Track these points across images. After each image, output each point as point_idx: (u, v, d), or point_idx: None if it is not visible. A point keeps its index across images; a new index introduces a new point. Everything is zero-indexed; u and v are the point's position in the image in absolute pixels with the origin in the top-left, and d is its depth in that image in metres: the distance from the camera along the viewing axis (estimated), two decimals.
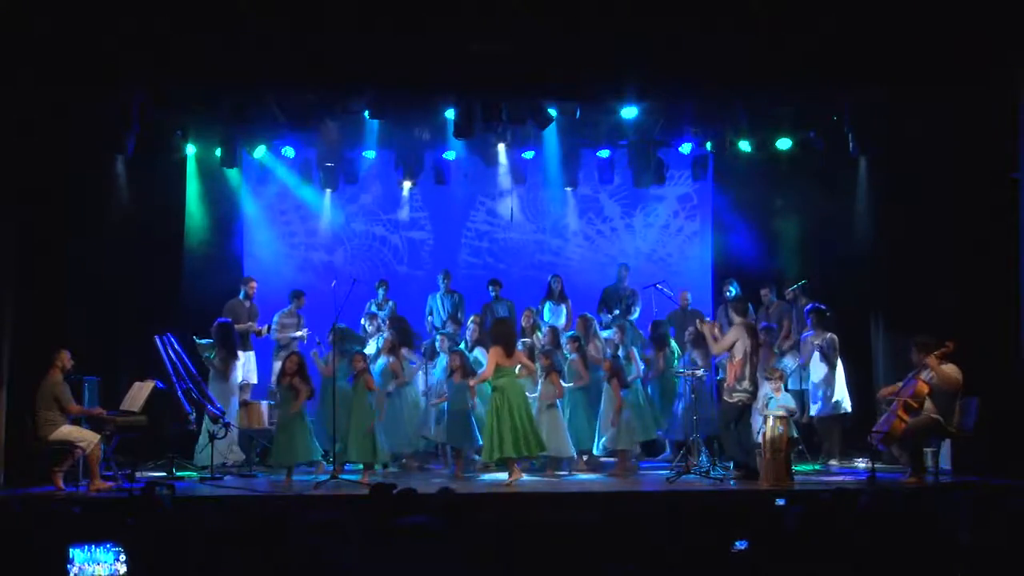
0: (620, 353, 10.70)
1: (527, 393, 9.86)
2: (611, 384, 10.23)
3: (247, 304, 11.55)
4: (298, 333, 11.43)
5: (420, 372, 10.92)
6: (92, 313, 10.41)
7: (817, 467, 10.63)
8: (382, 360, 10.58)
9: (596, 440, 10.36)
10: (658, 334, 11.12)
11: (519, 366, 9.73)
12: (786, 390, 10.22)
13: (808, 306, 11.17)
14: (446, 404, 10.38)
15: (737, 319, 9.91)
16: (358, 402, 9.92)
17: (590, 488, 9.69)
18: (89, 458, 9.21)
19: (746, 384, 9.63)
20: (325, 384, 10.20)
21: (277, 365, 11.05)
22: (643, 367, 10.83)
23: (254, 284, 11.68)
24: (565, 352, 10.50)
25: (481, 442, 9.87)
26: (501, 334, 9.80)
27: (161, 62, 9.33)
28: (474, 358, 10.61)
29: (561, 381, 10.21)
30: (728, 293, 11.60)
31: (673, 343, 11.22)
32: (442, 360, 10.75)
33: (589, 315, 11.23)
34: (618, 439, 10.21)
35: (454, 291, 12.23)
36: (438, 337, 11.01)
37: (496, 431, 9.43)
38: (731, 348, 9.72)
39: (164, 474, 9.88)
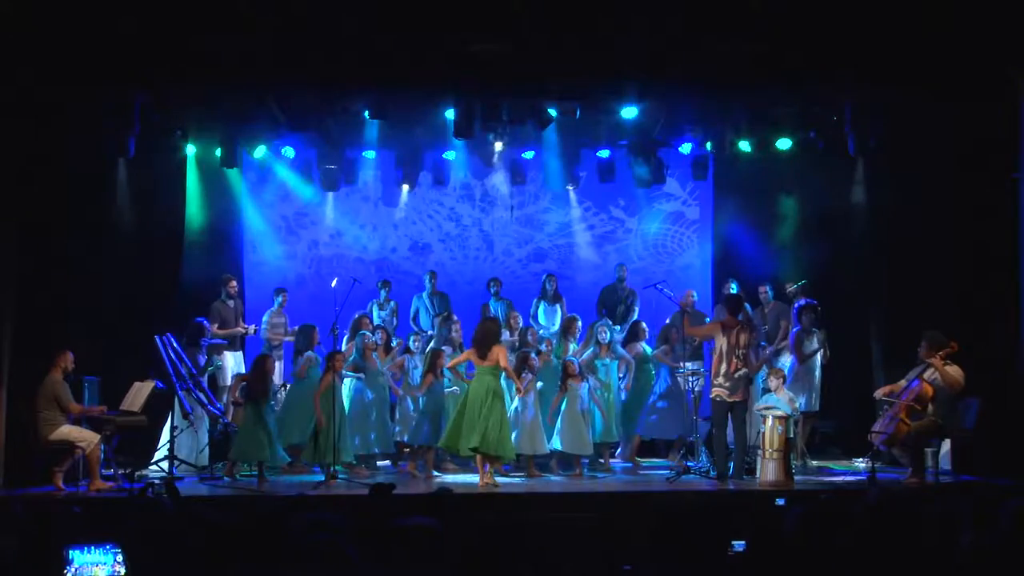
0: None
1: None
2: (568, 382, 10.22)
3: (231, 304, 11.53)
4: (288, 336, 11.39)
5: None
6: (92, 313, 10.41)
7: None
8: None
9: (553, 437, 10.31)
10: (631, 333, 11.22)
11: (496, 367, 9.65)
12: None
13: (798, 303, 11.17)
14: (421, 403, 10.36)
15: (722, 316, 9.95)
16: (324, 402, 9.87)
17: (590, 488, 9.69)
18: (89, 458, 9.22)
19: (720, 380, 9.69)
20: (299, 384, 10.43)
21: (277, 365, 11.08)
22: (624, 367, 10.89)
23: (234, 283, 11.66)
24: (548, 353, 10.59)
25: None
26: (475, 334, 9.85)
27: (161, 62, 9.33)
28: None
29: (533, 380, 10.24)
30: (729, 291, 11.61)
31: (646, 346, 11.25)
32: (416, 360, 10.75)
33: (577, 316, 11.25)
34: (570, 442, 10.20)
35: (441, 291, 12.21)
36: (412, 337, 10.99)
37: (450, 423, 9.64)
38: (705, 338, 10.11)
39: (164, 474, 9.87)
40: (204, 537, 4.68)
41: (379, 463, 10.80)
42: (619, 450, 11.30)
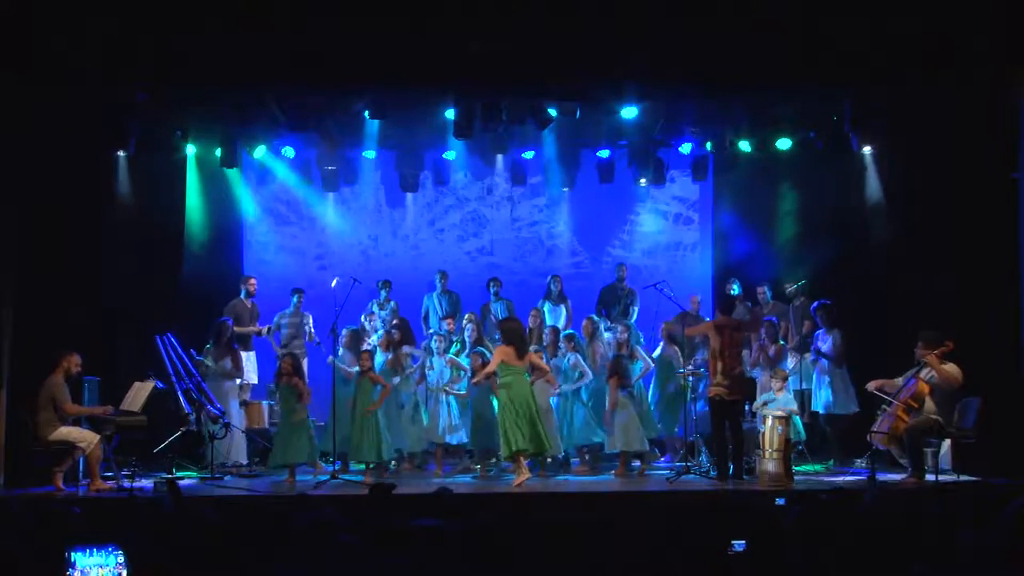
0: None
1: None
2: (610, 383, 10.24)
3: (249, 303, 11.55)
4: (281, 342, 11.40)
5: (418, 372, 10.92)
6: (92, 313, 10.41)
7: (819, 467, 10.63)
8: (380, 357, 10.61)
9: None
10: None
11: (530, 366, 9.69)
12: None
13: (814, 304, 11.16)
14: (469, 406, 10.39)
15: (718, 316, 10.06)
16: (363, 401, 9.94)
17: (590, 488, 9.69)
18: (89, 458, 9.23)
19: (719, 379, 9.72)
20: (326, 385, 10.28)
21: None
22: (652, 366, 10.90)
23: (254, 281, 11.69)
24: (562, 351, 10.55)
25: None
26: (511, 333, 9.80)
27: (161, 62, 9.33)
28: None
29: (558, 381, 10.30)
30: (731, 292, 11.61)
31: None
32: (438, 361, 10.75)
33: (595, 316, 11.30)
34: (618, 440, 10.21)
35: (451, 291, 12.22)
36: (434, 338, 11.01)
37: (508, 428, 9.48)
38: (701, 338, 10.20)
39: (164, 474, 9.88)
40: (204, 537, 4.69)
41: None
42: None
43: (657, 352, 11.18)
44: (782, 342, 11.18)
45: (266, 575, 4.43)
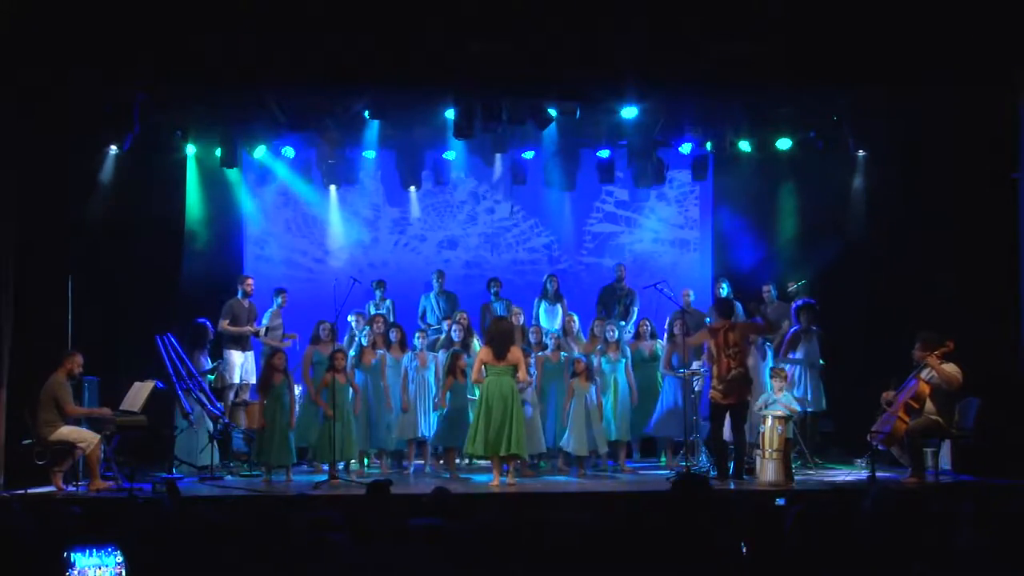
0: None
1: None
2: (574, 381, 10.24)
3: (246, 304, 11.53)
4: (280, 343, 11.36)
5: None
6: (92, 313, 10.41)
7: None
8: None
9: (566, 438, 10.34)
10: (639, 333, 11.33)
11: (514, 367, 9.64)
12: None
13: (795, 303, 11.16)
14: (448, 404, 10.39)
15: (713, 320, 10.11)
16: (339, 400, 9.94)
17: (590, 488, 9.69)
18: (89, 458, 9.23)
19: (715, 382, 9.82)
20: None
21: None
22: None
23: (251, 282, 11.64)
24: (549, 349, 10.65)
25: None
26: (492, 333, 9.84)
27: (161, 62, 9.33)
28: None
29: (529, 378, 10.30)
30: (721, 292, 11.61)
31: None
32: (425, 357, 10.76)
33: (576, 316, 11.40)
34: (581, 442, 10.20)
35: (448, 291, 12.22)
36: (416, 335, 11.00)
37: (475, 428, 9.58)
38: (700, 345, 10.24)
39: (164, 474, 9.87)
40: (204, 537, 4.69)
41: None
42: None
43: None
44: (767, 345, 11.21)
45: (266, 575, 4.43)
